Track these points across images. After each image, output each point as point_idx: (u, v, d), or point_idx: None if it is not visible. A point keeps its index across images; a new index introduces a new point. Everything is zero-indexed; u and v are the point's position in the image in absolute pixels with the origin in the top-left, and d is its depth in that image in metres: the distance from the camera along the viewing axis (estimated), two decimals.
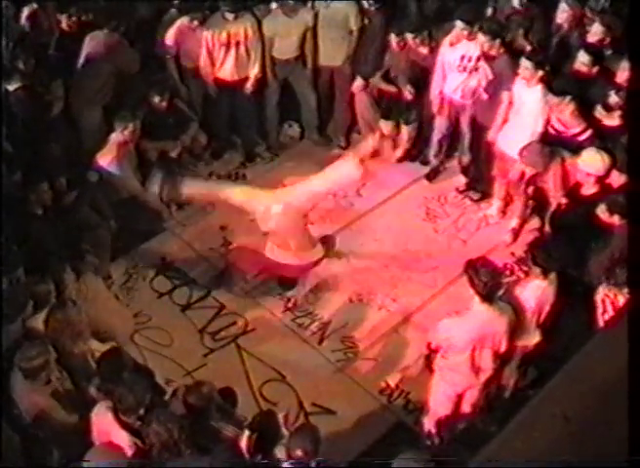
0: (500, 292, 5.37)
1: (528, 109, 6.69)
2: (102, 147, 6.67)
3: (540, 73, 6.55)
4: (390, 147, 7.78)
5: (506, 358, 5.54)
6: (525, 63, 6.56)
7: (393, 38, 7.35)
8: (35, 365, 4.88)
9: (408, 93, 7.48)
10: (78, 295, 5.60)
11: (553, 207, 6.66)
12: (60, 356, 5.12)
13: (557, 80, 6.62)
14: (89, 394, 5.06)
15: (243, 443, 4.64)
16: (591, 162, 6.22)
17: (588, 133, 6.51)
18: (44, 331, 5.24)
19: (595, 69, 6.68)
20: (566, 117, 6.57)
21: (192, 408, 4.90)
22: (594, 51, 6.74)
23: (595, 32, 6.97)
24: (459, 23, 7.03)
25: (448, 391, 5.47)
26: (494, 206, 7.48)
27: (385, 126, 7.67)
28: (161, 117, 7.16)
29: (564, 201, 6.53)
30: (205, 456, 4.54)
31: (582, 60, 6.68)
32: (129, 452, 4.64)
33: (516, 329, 5.39)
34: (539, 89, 6.60)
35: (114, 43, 7.17)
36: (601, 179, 6.26)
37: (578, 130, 6.55)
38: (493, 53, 6.96)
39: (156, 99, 7.08)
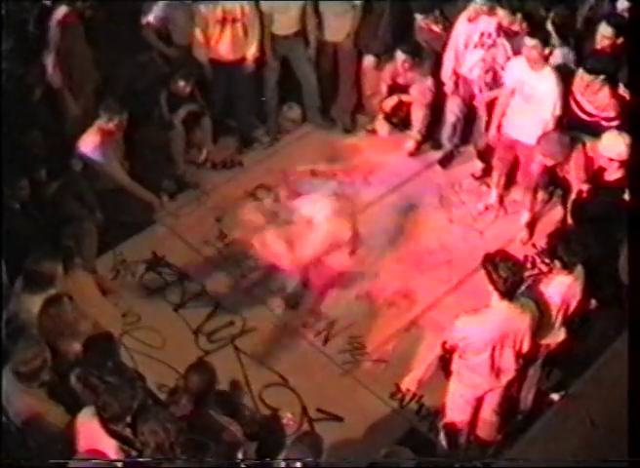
0: (523, 288, 5.31)
1: (541, 95, 6.63)
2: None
3: (547, 52, 6.49)
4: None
5: (530, 358, 5.52)
6: (530, 42, 6.46)
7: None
8: (33, 367, 4.82)
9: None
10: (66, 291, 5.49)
11: (574, 195, 6.60)
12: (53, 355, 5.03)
13: (589, 58, 6.53)
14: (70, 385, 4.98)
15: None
16: (613, 146, 6.17)
17: (617, 122, 6.44)
18: (37, 324, 5.16)
19: (620, 41, 6.56)
20: (599, 100, 6.50)
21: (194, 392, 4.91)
22: (617, 22, 6.63)
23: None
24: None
25: (467, 394, 5.46)
26: (492, 194, 7.51)
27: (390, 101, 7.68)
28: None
29: (585, 188, 6.47)
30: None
31: (605, 34, 6.58)
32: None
33: (540, 326, 5.36)
34: (549, 71, 6.56)
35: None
36: (625, 163, 6.20)
37: (611, 114, 6.48)
38: (514, 28, 6.95)
39: (181, 84, 7.18)
